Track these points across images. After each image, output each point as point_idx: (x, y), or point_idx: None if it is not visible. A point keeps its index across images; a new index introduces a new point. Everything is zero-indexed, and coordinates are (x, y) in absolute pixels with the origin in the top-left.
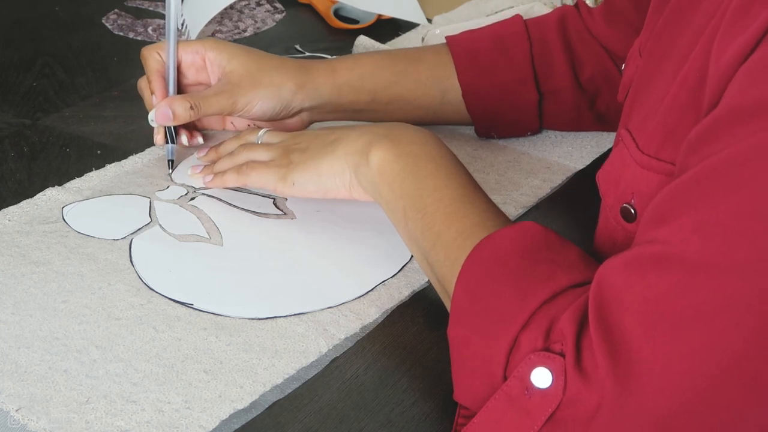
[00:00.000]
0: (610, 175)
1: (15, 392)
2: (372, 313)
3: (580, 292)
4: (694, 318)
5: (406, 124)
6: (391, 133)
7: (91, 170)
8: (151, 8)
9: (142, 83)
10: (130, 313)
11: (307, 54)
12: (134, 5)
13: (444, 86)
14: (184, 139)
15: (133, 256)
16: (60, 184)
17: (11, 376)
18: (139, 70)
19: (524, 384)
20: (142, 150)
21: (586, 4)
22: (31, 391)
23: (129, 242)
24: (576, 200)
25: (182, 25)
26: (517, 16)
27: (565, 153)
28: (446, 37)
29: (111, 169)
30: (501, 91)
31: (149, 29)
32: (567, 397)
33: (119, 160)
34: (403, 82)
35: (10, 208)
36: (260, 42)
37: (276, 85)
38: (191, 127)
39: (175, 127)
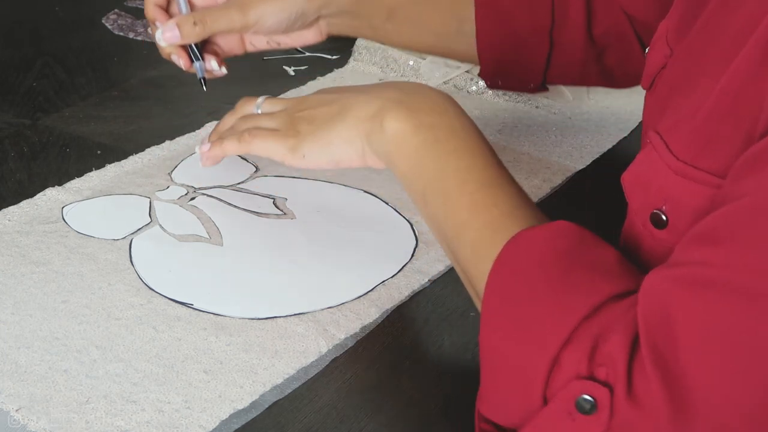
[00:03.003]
0: (638, 178)
1: (15, 392)
2: (372, 313)
3: (624, 306)
4: (755, 347)
5: (423, 85)
6: (407, 98)
7: (91, 170)
8: None
9: (149, 6)
10: (130, 313)
11: (307, 54)
12: (134, 5)
13: (462, 16)
14: (214, 63)
15: (133, 256)
16: (60, 184)
17: (11, 376)
18: (139, 71)
19: (567, 408)
20: (142, 150)
21: None
22: (31, 391)
23: (129, 242)
24: (576, 200)
25: None
26: None
27: (565, 153)
28: None
29: (111, 169)
30: (515, 39)
31: (149, 29)
32: (615, 423)
33: (119, 160)
34: (421, 4)
35: (10, 208)
36: None
37: None
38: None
39: (200, 50)
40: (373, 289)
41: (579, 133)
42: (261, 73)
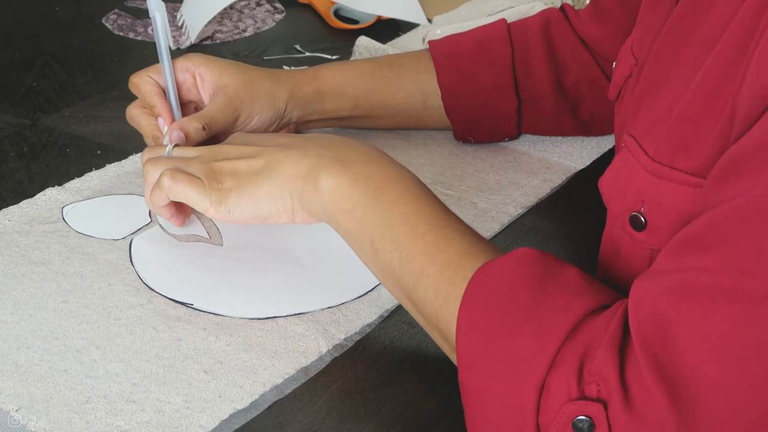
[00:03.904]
0: (615, 182)
1: (15, 392)
2: (372, 313)
3: (602, 321)
4: (759, 350)
5: (347, 139)
6: (338, 153)
7: (91, 170)
8: None
9: (134, 111)
10: (130, 313)
11: (307, 54)
12: (134, 5)
13: (425, 91)
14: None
15: (133, 256)
16: (60, 184)
17: (11, 376)
18: (139, 71)
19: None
20: (142, 150)
21: (572, 7)
22: (31, 391)
23: (129, 242)
24: (576, 200)
25: (181, 26)
26: (502, 20)
27: (565, 153)
28: (428, 42)
29: (111, 169)
30: (481, 97)
31: (149, 29)
32: None
33: (119, 160)
34: (385, 87)
35: (10, 208)
36: (260, 42)
37: (271, 95)
38: None
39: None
40: (373, 289)
41: None
42: None
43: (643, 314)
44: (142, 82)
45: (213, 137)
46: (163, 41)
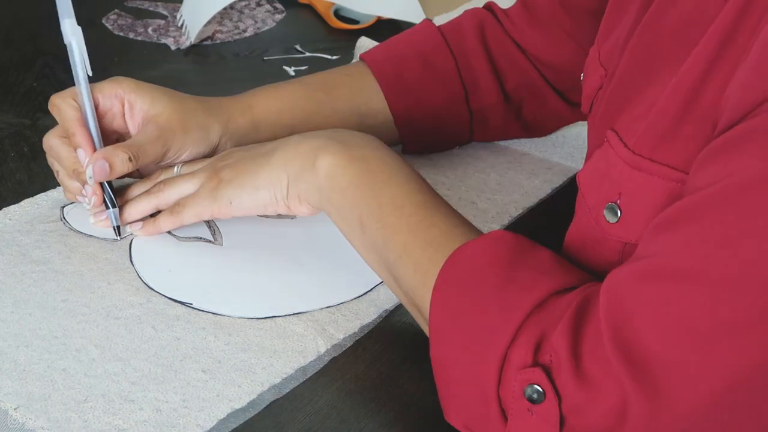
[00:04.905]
0: (593, 174)
1: (13, 391)
2: (371, 312)
3: (566, 301)
4: (718, 332)
5: (350, 130)
6: (338, 136)
7: None
8: (151, 8)
9: (53, 140)
10: (129, 312)
11: (307, 54)
12: (134, 5)
13: (362, 112)
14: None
15: (132, 255)
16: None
17: (10, 375)
18: (139, 71)
19: (525, 406)
20: None
21: (498, 6)
22: (30, 389)
23: (129, 242)
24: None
25: (181, 26)
26: (429, 24)
27: (566, 154)
28: (363, 57)
29: None
30: (434, 115)
31: (149, 29)
32: (566, 405)
33: None
34: (321, 112)
35: (11, 207)
36: (260, 42)
37: (204, 127)
38: None
39: (114, 195)
40: (372, 289)
41: (580, 134)
42: (260, 73)
43: (609, 298)
44: (65, 105)
45: (140, 170)
46: (81, 69)
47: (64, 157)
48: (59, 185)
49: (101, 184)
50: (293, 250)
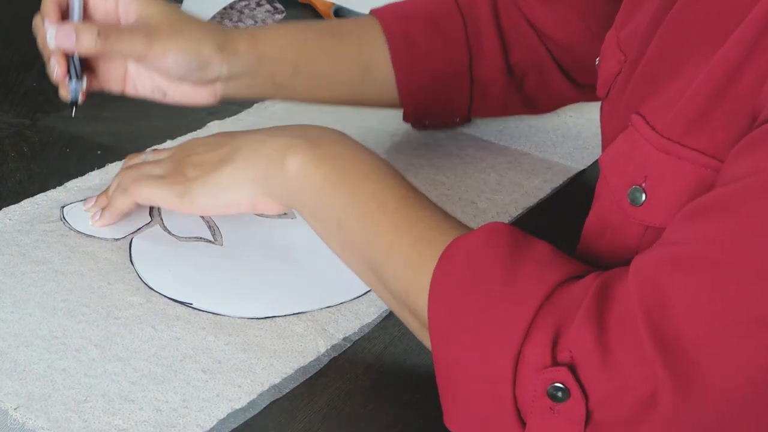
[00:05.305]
0: (618, 157)
1: (13, 391)
2: (371, 313)
3: (575, 291)
4: (756, 325)
5: (316, 125)
6: (305, 134)
7: (91, 170)
8: None
9: (36, 18)
10: (129, 312)
11: None
12: None
13: (368, 62)
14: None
15: (133, 255)
16: (60, 184)
17: (10, 375)
18: None
19: (547, 404)
20: (143, 150)
21: None
22: (30, 389)
23: (129, 242)
24: (577, 201)
25: None
26: None
27: (566, 154)
28: (374, 12)
29: (111, 169)
30: (436, 79)
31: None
32: (594, 400)
33: (120, 159)
34: (327, 55)
35: (11, 207)
36: None
37: (196, 39)
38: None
39: (82, 68)
40: (371, 289)
41: (580, 134)
42: None
43: (643, 284)
44: None
45: (119, 76)
46: None
47: (39, 35)
48: (59, 185)
49: (68, 57)
50: (293, 250)
